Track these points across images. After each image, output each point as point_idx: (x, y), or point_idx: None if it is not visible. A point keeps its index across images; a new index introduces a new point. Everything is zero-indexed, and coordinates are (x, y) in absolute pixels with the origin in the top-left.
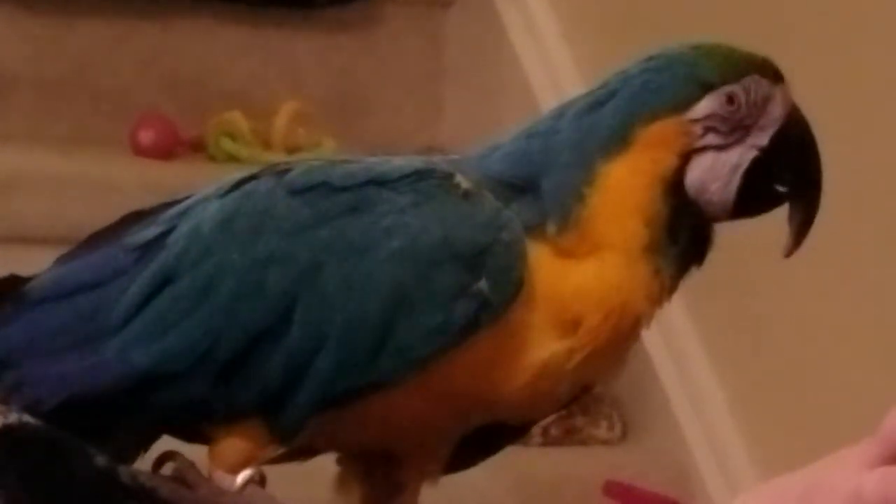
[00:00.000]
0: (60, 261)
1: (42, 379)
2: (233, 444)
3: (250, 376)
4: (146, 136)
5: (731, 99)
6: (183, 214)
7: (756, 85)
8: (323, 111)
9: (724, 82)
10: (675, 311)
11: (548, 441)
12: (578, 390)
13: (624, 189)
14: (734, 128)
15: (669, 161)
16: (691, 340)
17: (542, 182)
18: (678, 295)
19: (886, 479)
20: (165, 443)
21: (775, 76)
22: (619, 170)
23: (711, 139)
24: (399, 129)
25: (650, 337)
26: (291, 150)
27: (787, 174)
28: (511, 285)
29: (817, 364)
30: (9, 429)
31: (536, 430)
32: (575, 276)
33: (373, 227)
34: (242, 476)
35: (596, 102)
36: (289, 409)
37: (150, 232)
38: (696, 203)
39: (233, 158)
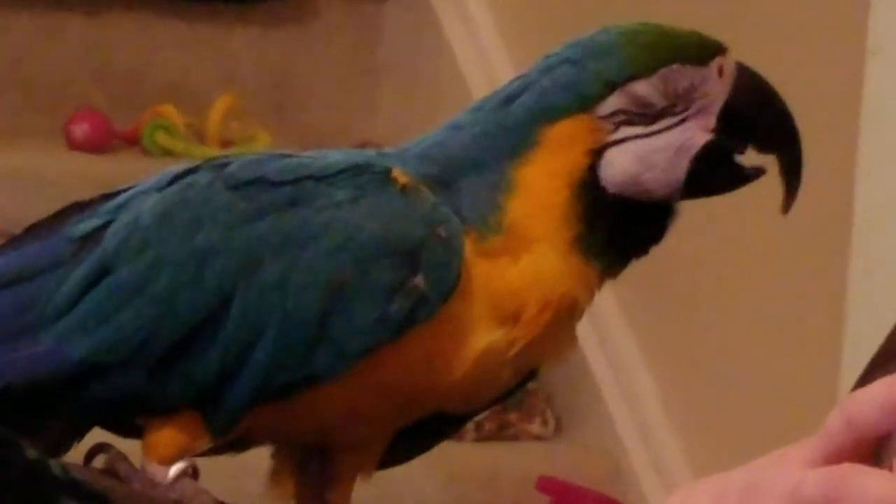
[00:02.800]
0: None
1: None
2: (166, 436)
3: (186, 369)
4: (80, 130)
5: (638, 94)
6: (122, 207)
7: (676, 74)
8: (258, 105)
9: (634, 77)
10: (608, 307)
11: (481, 436)
12: (521, 377)
13: (539, 191)
14: (660, 115)
15: (579, 159)
16: (624, 336)
17: (460, 181)
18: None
19: (827, 479)
20: (99, 434)
21: (701, 58)
22: (531, 173)
23: (628, 131)
24: (334, 123)
25: (584, 333)
26: (226, 144)
27: (755, 142)
28: (448, 280)
29: (751, 360)
30: None
31: (470, 426)
32: (509, 271)
33: (310, 221)
34: (175, 468)
35: (511, 95)
36: (224, 402)
37: (89, 223)
38: (622, 195)
39: (167, 152)
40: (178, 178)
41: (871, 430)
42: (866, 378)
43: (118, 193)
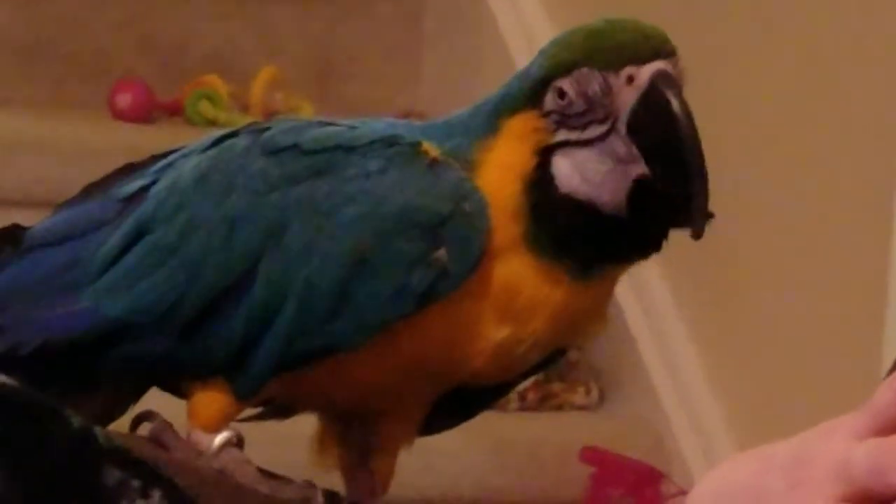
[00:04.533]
0: (58, 209)
1: (23, 323)
2: (206, 401)
3: (214, 333)
4: (124, 100)
5: (561, 94)
6: (166, 168)
7: (587, 77)
8: (301, 76)
9: (555, 76)
10: (652, 277)
11: (525, 406)
12: (550, 354)
13: (494, 183)
14: (588, 120)
15: (528, 156)
16: (668, 307)
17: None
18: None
19: (875, 452)
20: (148, 401)
21: (612, 63)
22: (491, 159)
23: (567, 134)
24: (377, 94)
25: (628, 304)
26: (269, 115)
27: (655, 164)
28: (470, 256)
29: (795, 331)
30: None
31: (513, 396)
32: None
33: (338, 190)
34: (220, 438)
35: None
36: (248, 367)
37: (135, 184)
38: (575, 197)
39: (210, 122)
40: (218, 141)
41: None
42: None
43: (167, 155)
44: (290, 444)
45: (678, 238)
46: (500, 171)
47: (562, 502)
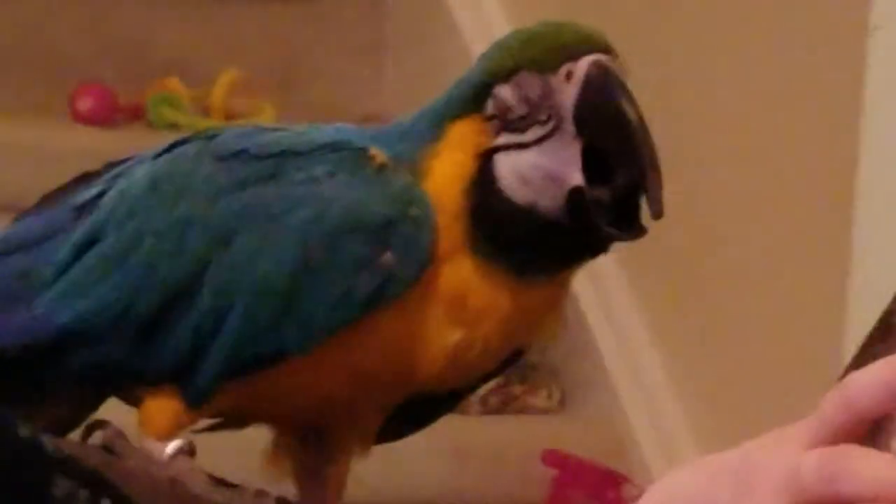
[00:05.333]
0: (15, 220)
1: None
2: (157, 409)
3: (163, 339)
4: (85, 104)
5: (501, 99)
6: (119, 176)
7: (527, 81)
8: (263, 79)
9: (495, 81)
10: (614, 280)
11: (486, 410)
12: (507, 356)
13: (439, 188)
14: (529, 123)
15: (468, 159)
16: (630, 310)
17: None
18: (617, 264)
19: (824, 460)
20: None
21: (549, 64)
22: (437, 165)
23: (508, 138)
24: (340, 97)
25: (589, 307)
26: (230, 118)
27: (605, 154)
28: (417, 259)
29: (756, 334)
30: None
31: (475, 399)
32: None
33: (285, 195)
34: (172, 446)
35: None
36: (197, 374)
37: (89, 192)
38: (517, 201)
39: (172, 125)
40: (170, 148)
41: (869, 411)
42: (862, 353)
43: (123, 162)
44: (243, 452)
45: (642, 241)
46: (445, 176)
47: None
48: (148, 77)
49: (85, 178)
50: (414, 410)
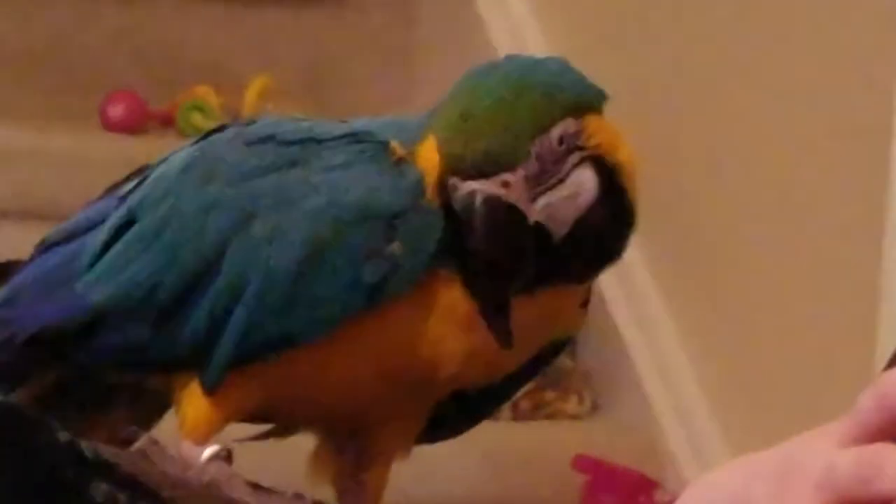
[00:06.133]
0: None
1: (24, 315)
2: (192, 410)
3: (184, 321)
4: (116, 111)
5: None
6: (161, 163)
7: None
8: (294, 85)
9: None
10: (646, 286)
11: (517, 415)
12: (538, 357)
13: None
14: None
15: (433, 172)
16: (661, 315)
17: None
18: (648, 269)
19: (859, 459)
20: None
21: (464, 175)
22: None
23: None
24: (370, 102)
25: (620, 312)
26: None
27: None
28: (424, 252)
29: (788, 338)
30: None
31: (506, 405)
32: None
33: (303, 181)
34: (208, 451)
35: None
36: (212, 357)
37: (133, 182)
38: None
39: (202, 133)
40: (207, 135)
41: None
42: None
43: (159, 165)
44: (281, 456)
45: (670, 245)
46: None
47: None
48: (178, 84)
49: (144, 169)
50: (452, 416)
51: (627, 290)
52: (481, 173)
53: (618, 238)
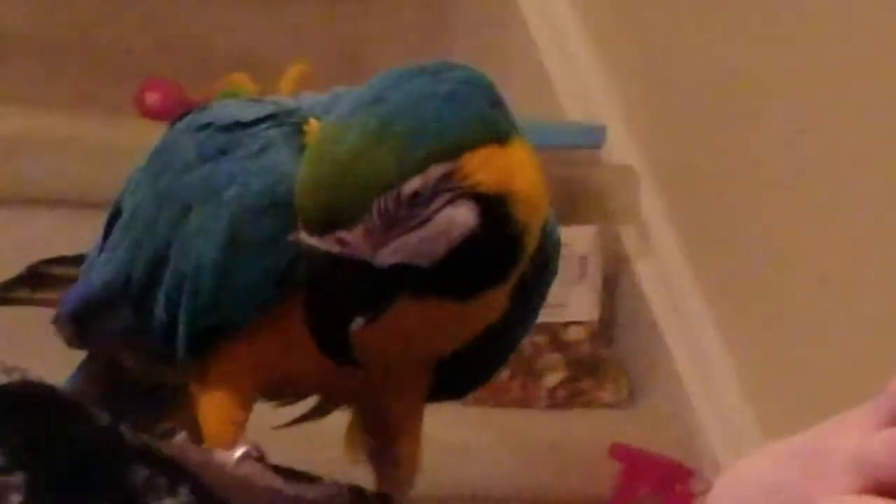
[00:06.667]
0: None
1: (68, 294)
2: (208, 410)
3: (151, 312)
4: (152, 98)
5: None
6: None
7: None
8: (329, 73)
9: None
10: (683, 274)
11: (553, 404)
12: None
13: None
14: None
15: None
16: (698, 303)
17: None
18: (684, 257)
19: (891, 442)
20: None
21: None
22: None
23: None
24: None
25: (656, 300)
26: None
27: None
28: None
29: (825, 327)
30: (11, 387)
31: (542, 393)
32: None
33: (225, 171)
34: (238, 453)
35: None
36: (177, 344)
37: None
38: None
39: None
40: (175, 122)
41: None
42: None
43: None
44: (320, 440)
45: (709, 235)
46: None
47: (590, 499)
48: (215, 71)
49: None
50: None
51: (664, 278)
52: (317, 231)
53: (499, 263)
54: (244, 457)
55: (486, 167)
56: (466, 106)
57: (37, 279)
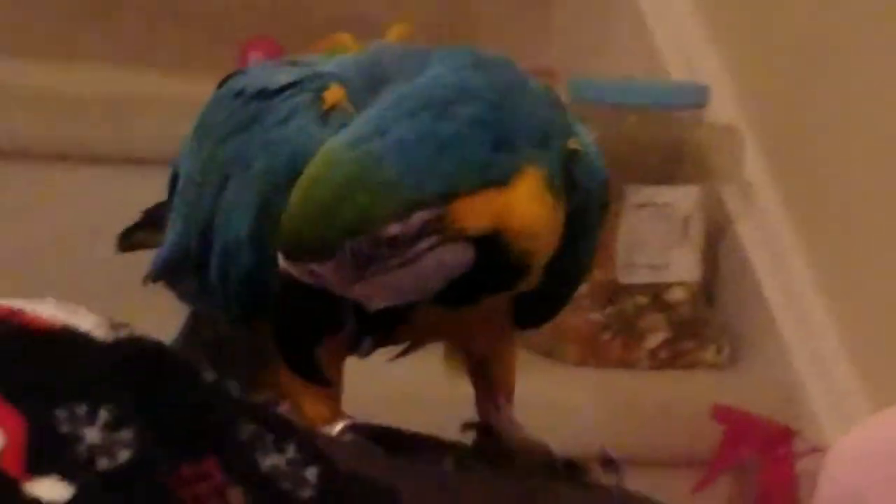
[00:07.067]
0: None
1: (155, 254)
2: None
3: (208, 278)
4: (255, 58)
5: None
6: None
7: None
8: (429, 33)
9: None
10: (785, 235)
11: (655, 364)
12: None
13: None
14: None
15: None
16: (801, 265)
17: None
18: (787, 218)
19: None
20: None
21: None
22: None
23: None
24: (506, 49)
25: (759, 261)
26: None
27: None
28: None
29: None
30: (119, 344)
31: (644, 353)
32: None
33: (255, 142)
34: (338, 427)
35: None
36: (230, 311)
37: None
38: None
39: None
40: (219, 85)
41: None
42: None
43: None
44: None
45: (812, 195)
46: None
47: (692, 461)
48: (316, 32)
49: None
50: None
51: (767, 239)
52: (291, 258)
53: (499, 286)
54: (344, 430)
55: (476, 213)
56: (463, 152)
57: (155, 222)
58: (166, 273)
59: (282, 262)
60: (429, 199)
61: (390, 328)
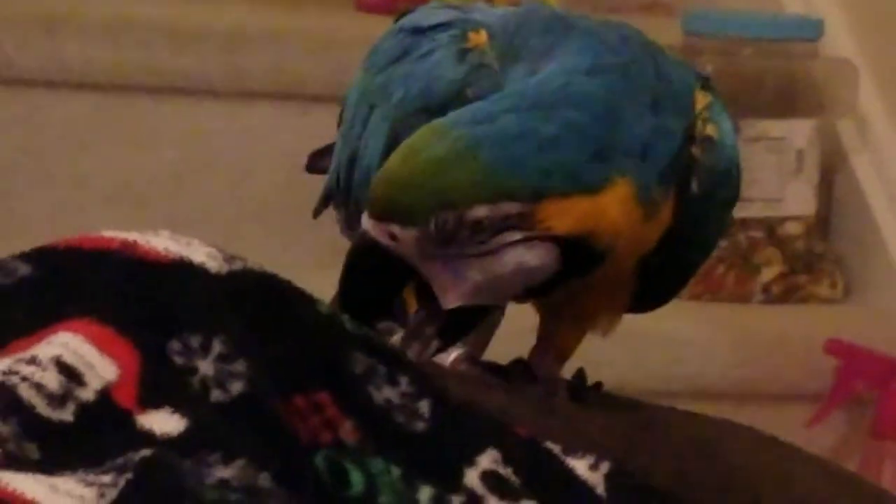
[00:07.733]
0: None
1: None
2: None
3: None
4: None
5: None
6: None
7: None
8: None
9: None
10: None
11: (769, 299)
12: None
13: None
14: None
15: None
16: None
17: None
18: None
19: None
20: None
21: None
22: None
23: None
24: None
25: (874, 195)
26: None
27: None
28: None
29: None
30: (232, 275)
31: (758, 287)
32: None
33: (399, 74)
34: (453, 356)
35: None
36: None
37: None
38: None
39: None
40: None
41: None
42: None
43: None
44: None
45: None
46: None
47: (806, 395)
48: None
49: None
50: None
51: (881, 173)
52: (375, 215)
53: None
54: (459, 360)
55: (563, 216)
56: (560, 154)
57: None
58: (326, 202)
59: (365, 220)
60: (519, 192)
61: (470, 326)
